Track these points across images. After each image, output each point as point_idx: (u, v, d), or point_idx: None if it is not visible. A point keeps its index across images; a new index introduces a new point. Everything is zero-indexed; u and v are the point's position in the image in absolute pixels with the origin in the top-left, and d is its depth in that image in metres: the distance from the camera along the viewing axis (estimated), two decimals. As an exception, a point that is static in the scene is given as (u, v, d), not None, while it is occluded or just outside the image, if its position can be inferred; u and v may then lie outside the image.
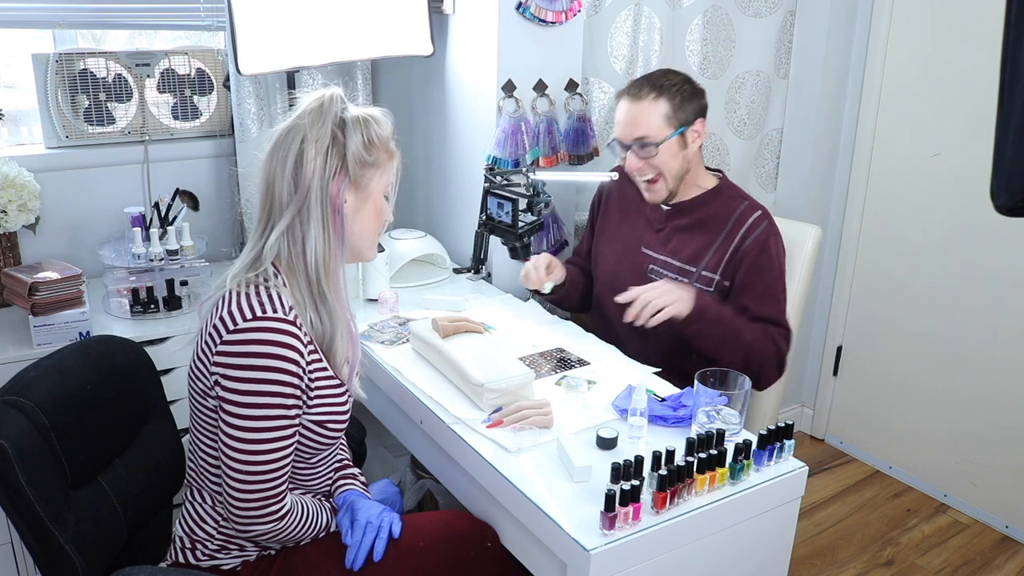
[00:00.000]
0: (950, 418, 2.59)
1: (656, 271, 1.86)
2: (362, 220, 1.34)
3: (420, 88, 2.32)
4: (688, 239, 1.83)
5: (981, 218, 2.38)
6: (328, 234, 1.28)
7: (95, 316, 1.85)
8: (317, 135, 1.25)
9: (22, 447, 1.19)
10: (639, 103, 1.75)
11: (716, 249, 1.79)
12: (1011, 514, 2.48)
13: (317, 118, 1.26)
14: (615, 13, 2.22)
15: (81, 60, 1.97)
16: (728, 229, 1.79)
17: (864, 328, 2.81)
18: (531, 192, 1.92)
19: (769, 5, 2.53)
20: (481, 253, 2.10)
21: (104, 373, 1.41)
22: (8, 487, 1.18)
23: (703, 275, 1.80)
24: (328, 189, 1.26)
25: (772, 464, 1.33)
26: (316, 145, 1.25)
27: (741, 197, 1.84)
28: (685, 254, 1.82)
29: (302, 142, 1.25)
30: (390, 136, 1.34)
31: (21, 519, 1.21)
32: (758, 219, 1.78)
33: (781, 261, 1.80)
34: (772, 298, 1.77)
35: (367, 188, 1.32)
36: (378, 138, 1.31)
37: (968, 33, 2.37)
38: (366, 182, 1.31)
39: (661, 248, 1.87)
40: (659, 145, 1.75)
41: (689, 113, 1.76)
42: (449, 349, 1.54)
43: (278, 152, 1.27)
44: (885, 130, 2.64)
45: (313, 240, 1.27)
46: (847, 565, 2.37)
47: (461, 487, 1.47)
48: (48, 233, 2.01)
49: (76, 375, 1.36)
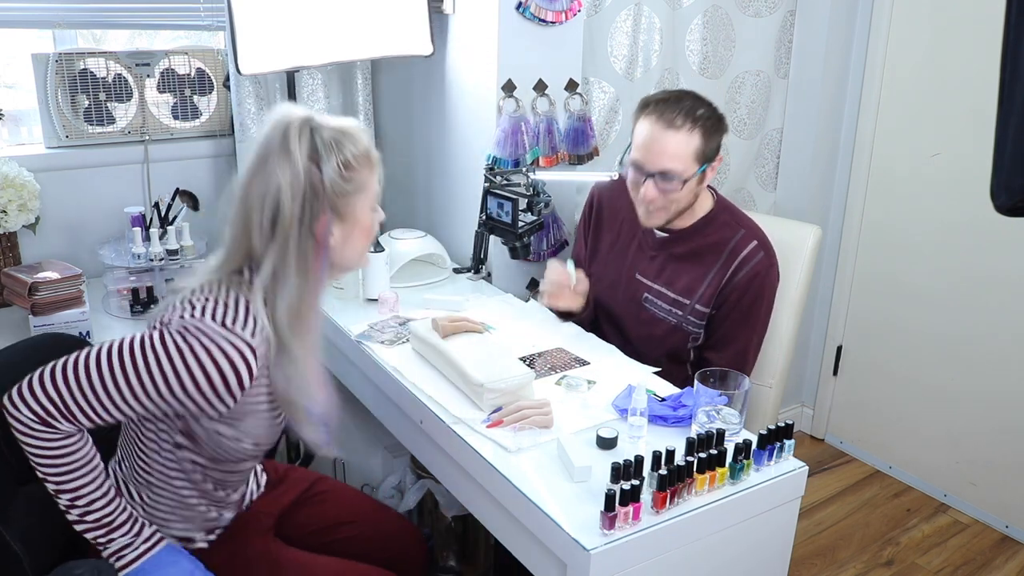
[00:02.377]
0: (950, 418, 2.59)
1: (651, 300, 1.82)
2: (352, 246, 1.28)
3: (420, 88, 2.32)
4: (682, 270, 1.78)
5: (981, 218, 2.38)
6: (304, 282, 1.21)
7: (95, 316, 1.85)
8: (292, 176, 1.17)
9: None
10: (675, 133, 1.62)
11: (709, 282, 1.75)
12: (1011, 514, 2.48)
13: (285, 153, 1.17)
14: (615, 13, 2.22)
15: (81, 60, 1.97)
16: (722, 261, 1.74)
17: (864, 328, 2.81)
18: (531, 192, 1.92)
19: (769, 5, 2.53)
20: (481, 253, 2.10)
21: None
22: None
23: (696, 309, 1.76)
24: (312, 232, 1.19)
25: (772, 464, 1.33)
26: (292, 189, 1.17)
27: (737, 224, 1.77)
28: (679, 286, 1.78)
29: (278, 189, 1.17)
30: (368, 148, 1.25)
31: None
32: (753, 251, 1.73)
33: (770, 298, 1.78)
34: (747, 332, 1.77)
35: (353, 214, 1.24)
36: (355, 159, 1.21)
37: (968, 33, 2.37)
38: (351, 209, 1.23)
39: (655, 277, 1.81)
40: (685, 182, 1.65)
41: (712, 149, 1.67)
42: (449, 349, 1.54)
43: (255, 187, 1.19)
44: (885, 130, 2.64)
45: (287, 292, 1.20)
46: (847, 565, 2.37)
47: (461, 487, 1.47)
48: (48, 233, 2.01)
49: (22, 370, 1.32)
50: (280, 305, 1.21)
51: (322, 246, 1.21)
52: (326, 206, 1.20)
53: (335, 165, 1.19)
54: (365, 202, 1.26)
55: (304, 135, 1.19)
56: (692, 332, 1.79)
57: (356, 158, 1.22)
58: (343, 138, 1.21)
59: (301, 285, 1.21)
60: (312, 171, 1.18)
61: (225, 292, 1.21)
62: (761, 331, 1.80)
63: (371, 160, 1.26)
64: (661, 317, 1.81)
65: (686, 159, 1.64)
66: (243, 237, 1.22)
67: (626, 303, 1.85)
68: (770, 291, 1.77)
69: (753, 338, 1.79)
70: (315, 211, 1.19)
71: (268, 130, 1.21)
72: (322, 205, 1.19)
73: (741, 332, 1.77)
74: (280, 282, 1.20)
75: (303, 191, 1.17)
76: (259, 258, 1.21)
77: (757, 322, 1.78)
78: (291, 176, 1.17)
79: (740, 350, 1.78)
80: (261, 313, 1.20)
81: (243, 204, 1.21)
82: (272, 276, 1.20)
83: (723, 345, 1.79)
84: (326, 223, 1.21)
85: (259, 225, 1.19)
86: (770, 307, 1.79)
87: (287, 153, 1.17)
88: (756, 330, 1.79)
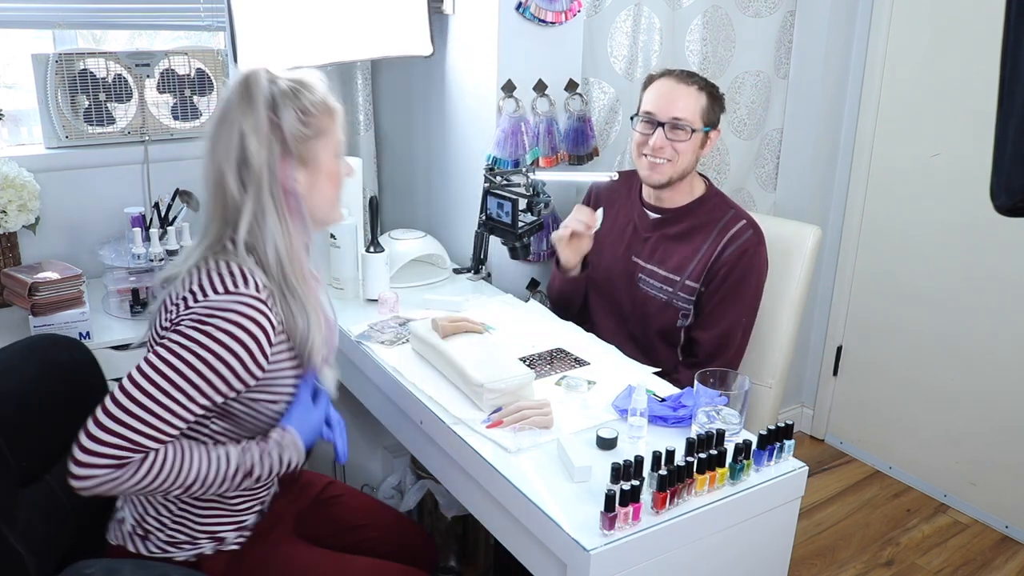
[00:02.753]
0: (950, 418, 2.59)
1: (644, 279, 1.87)
2: (319, 192, 1.30)
3: (420, 88, 2.32)
4: (674, 249, 1.85)
5: (981, 218, 2.38)
6: (286, 223, 1.24)
7: (95, 316, 1.85)
8: (255, 125, 1.20)
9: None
10: (687, 87, 1.77)
11: (699, 259, 1.81)
12: (1011, 514, 2.48)
13: (248, 105, 1.21)
14: (615, 13, 2.22)
15: (81, 60, 1.97)
16: (712, 237, 1.81)
17: (864, 328, 2.81)
18: (531, 192, 1.92)
19: (769, 5, 2.53)
20: (481, 253, 2.10)
21: (48, 371, 1.38)
22: None
23: (686, 284, 1.81)
24: (277, 176, 1.22)
25: (772, 464, 1.33)
26: (257, 136, 1.20)
27: (728, 206, 1.86)
28: (670, 264, 1.84)
29: (241, 136, 1.20)
30: (325, 96, 1.28)
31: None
32: (742, 228, 1.80)
33: (759, 276, 1.82)
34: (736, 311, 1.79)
35: (316, 160, 1.27)
36: (313, 105, 1.25)
37: (968, 33, 2.37)
38: (313, 155, 1.26)
39: (649, 257, 1.88)
40: (693, 132, 1.76)
41: (715, 118, 1.81)
42: (449, 349, 1.54)
43: (219, 147, 1.22)
44: (885, 130, 2.64)
45: (272, 234, 1.23)
46: (847, 565, 2.37)
47: (461, 487, 1.47)
48: (48, 233, 2.01)
49: (18, 372, 1.33)
50: (269, 252, 1.23)
51: (289, 191, 1.24)
52: (288, 151, 1.23)
53: (293, 113, 1.23)
54: (327, 148, 1.29)
55: (262, 85, 1.22)
56: (682, 308, 1.83)
57: (314, 104, 1.25)
58: (300, 87, 1.25)
59: (284, 228, 1.24)
60: (272, 118, 1.21)
61: (215, 265, 1.22)
62: (750, 313, 1.83)
63: (330, 108, 1.29)
64: (653, 295, 1.86)
65: (695, 112, 1.77)
66: (218, 197, 1.25)
67: (623, 285, 1.90)
68: (758, 270, 1.81)
69: (741, 319, 1.81)
70: (276, 154, 1.22)
71: (229, 89, 1.25)
72: (283, 149, 1.23)
73: (729, 310, 1.80)
74: (262, 229, 1.23)
75: (266, 137, 1.21)
76: (236, 213, 1.23)
77: (744, 301, 1.81)
78: (254, 122, 1.20)
79: (727, 329, 1.81)
80: (256, 270, 1.22)
81: (212, 162, 1.24)
82: (254, 224, 1.23)
83: (711, 324, 1.82)
84: (288, 167, 1.24)
85: (231, 178, 1.22)
86: (759, 288, 1.83)
87: (248, 102, 1.21)
88: (744, 311, 1.82)
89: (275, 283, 1.24)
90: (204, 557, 1.33)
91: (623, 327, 1.91)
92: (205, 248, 1.25)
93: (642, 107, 1.82)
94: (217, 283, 1.19)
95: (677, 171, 1.80)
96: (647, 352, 1.87)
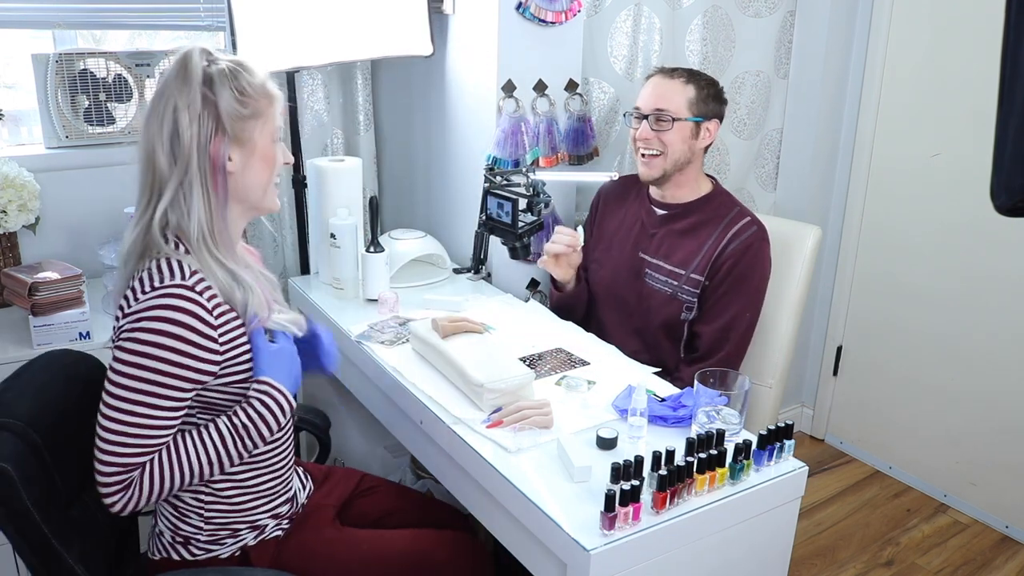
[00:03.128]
0: (950, 418, 2.59)
1: (650, 274, 1.89)
2: (252, 174, 1.29)
3: (420, 88, 2.32)
4: (680, 244, 1.87)
5: (981, 218, 2.38)
6: (209, 201, 1.24)
7: (95, 316, 1.85)
8: (188, 100, 1.20)
9: (22, 468, 1.15)
10: (670, 80, 1.83)
11: (704, 253, 1.82)
12: (1011, 514, 2.48)
13: (183, 82, 1.20)
14: (615, 13, 2.22)
15: (81, 60, 1.97)
16: (718, 232, 1.83)
17: (864, 328, 2.81)
18: (531, 192, 1.92)
19: (769, 5, 2.53)
20: (481, 253, 2.10)
21: (74, 386, 1.38)
22: (13, 512, 1.14)
23: (691, 277, 1.83)
24: (208, 152, 1.22)
25: (772, 464, 1.33)
26: (189, 112, 1.20)
27: (733, 204, 1.88)
28: (676, 258, 1.86)
29: (174, 111, 1.20)
30: (264, 81, 1.27)
31: (27, 544, 1.17)
32: (747, 224, 1.82)
33: (764, 269, 1.83)
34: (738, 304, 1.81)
35: (251, 141, 1.26)
36: (251, 87, 1.24)
37: (968, 33, 2.37)
38: (248, 135, 1.26)
39: (655, 252, 1.90)
40: (675, 121, 1.80)
41: (709, 109, 1.84)
42: (449, 349, 1.54)
43: (152, 122, 1.22)
44: (885, 130, 2.64)
45: (196, 210, 1.22)
46: (847, 565, 2.37)
47: (461, 487, 1.47)
48: (48, 233, 2.01)
49: (51, 390, 1.33)
50: (192, 226, 1.23)
51: (218, 169, 1.24)
52: (222, 128, 1.23)
53: (230, 92, 1.22)
54: (264, 129, 1.28)
55: (200, 61, 1.22)
56: (686, 301, 1.84)
57: (252, 86, 1.25)
58: (239, 68, 1.25)
59: (207, 204, 1.23)
60: (207, 95, 1.21)
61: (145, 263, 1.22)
62: (753, 308, 1.83)
63: (269, 93, 1.28)
64: (658, 289, 1.87)
65: (679, 103, 1.81)
66: (148, 171, 1.24)
67: (629, 281, 1.92)
68: (762, 266, 1.83)
69: (744, 313, 1.82)
70: (209, 130, 1.22)
71: (168, 66, 1.24)
72: (217, 126, 1.22)
73: (732, 303, 1.81)
74: (188, 202, 1.22)
75: (199, 113, 1.21)
76: (163, 186, 1.23)
77: (748, 295, 1.82)
78: (188, 99, 1.20)
79: (728, 322, 1.81)
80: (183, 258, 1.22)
81: (145, 136, 1.24)
82: (178, 197, 1.22)
83: (712, 317, 1.83)
84: (220, 145, 1.23)
85: (161, 152, 1.21)
86: (762, 284, 1.84)
87: (184, 78, 1.20)
88: (747, 305, 1.82)
89: (201, 259, 1.23)
90: (249, 548, 1.35)
91: (628, 322, 1.92)
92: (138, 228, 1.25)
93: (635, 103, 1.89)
94: (146, 282, 1.19)
95: (670, 163, 1.83)
96: (651, 348, 1.88)
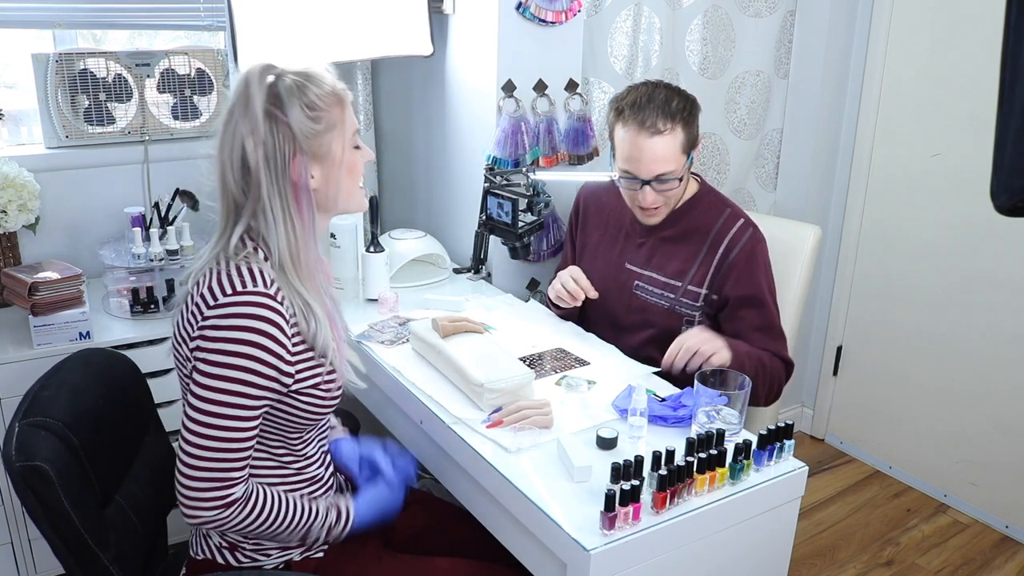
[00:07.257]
0: (950, 418, 2.59)
1: (642, 287, 1.82)
2: (336, 184, 1.28)
3: (420, 88, 2.32)
4: (671, 253, 1.79)
5: (981, 218, 2.38)
6: (292, 223, 1.23)
7: (95, 316, 1.85)
8: (251, 126, 1.18)
9: (60, 468, 1.15)
10: (660, 138, 1.63)
11: (700, 263, 1.76)
12: (1011, 514, 2.48)
13: (245, 107, 1.19)
14: (615, 13, 2.22)
15: (81, 60, 1.97)
16: (711, 240, 1.75)
17: (864, 328, 2.81)
18: (531, 192, 1.92)
19: (769, 5, 2.53)
20: (481, 253, 2.10)
21: (108, 386, 1.38)
22: (52, 511, 1.14)
23: (689, 290, 1.76)
24: (289, 176, 1.21)
25: (772, 464, 1.33)
26: (253, 137, 1.19)
27: (723, 204, 1.79)
28: (669, 269, 1.79)
29: (240, 137, 1.19)
30: (333, 85, 1.25)
31: (64, 544, 1.17)
32: (742, 227, 1.74)
33: (769, 269, 1.78)
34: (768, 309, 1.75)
35: (330, 154, 1.25)
36: (320, 99, 1.22)
37: (968, 33, 2.37)
38: (325, 149, 1.24)
39: (645, 264, 1.82)
40: (680, 179, 1.69)
41: (694, 133, 1.70)
42: (449, 349, 1.54)
43: (224, 148, 1.22)
44: (885, 130, 2.64)
45: (276, 235, 1.22)
46: (847, 565, 2.37)
47: (461, 487, 1.47)
48: (48, 233, 2.01)
49: (87, 390, 1.33)
50: (273, 249, 1.23)
51: (300, 187, 1.23)
52: (297, 148, 1.21)
53: (300, 109, 1.20)
54: (339, 139, 1.26)
55: (263, 84, 1.20)
56: (686, 314, 1.78)
57: (321, 98, 1.22)
58: (306, 81, 1.22)
59: (290, 228, 1.23)
60: (277, 115, 1.19)
61: (225, 266, 1.22)
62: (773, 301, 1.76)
63: (339, 98, 1.26)
64: (653, 302, 1.81)
65: (676, 157, 1.66)
66: (225, 198, 1.25)
67: (617, 294, 1.85)
68: (765, 262, 1.76)
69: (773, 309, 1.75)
70: (286, 155, 1.20)
71: (232, 88, 1.23)
72: (293, 148, 1.21)
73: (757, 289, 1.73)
74: (268, 230, 1.22)
75: (264, 138, 1.19)
76: (240, 212, 1.24)
77: (765, 293, 1.74)
78: (251, 125, 1.19)
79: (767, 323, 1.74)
80: (264, 266, 1.22)
81: (219, 164, 1.23)
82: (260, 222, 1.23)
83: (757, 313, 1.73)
84: (299, 165, 1.22)
85: (233, 180, 1.22)
86: (770, 276, 1.77)
87: (245, 103, 1.19)
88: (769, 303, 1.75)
89: (282, 279, 1.24)
90: (293, 563, 1.34)
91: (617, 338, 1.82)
92: (218, 246, 1.25)
93: (618, 162, 1.71)
94: (226, 285, 1.19)
95: (671, 206, 1.76)
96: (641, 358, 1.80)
